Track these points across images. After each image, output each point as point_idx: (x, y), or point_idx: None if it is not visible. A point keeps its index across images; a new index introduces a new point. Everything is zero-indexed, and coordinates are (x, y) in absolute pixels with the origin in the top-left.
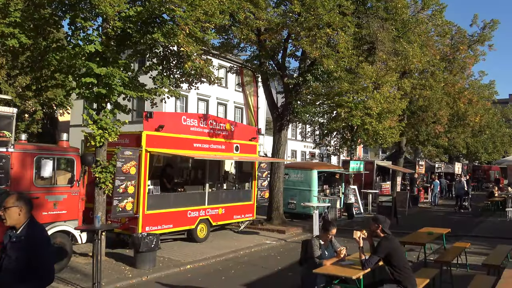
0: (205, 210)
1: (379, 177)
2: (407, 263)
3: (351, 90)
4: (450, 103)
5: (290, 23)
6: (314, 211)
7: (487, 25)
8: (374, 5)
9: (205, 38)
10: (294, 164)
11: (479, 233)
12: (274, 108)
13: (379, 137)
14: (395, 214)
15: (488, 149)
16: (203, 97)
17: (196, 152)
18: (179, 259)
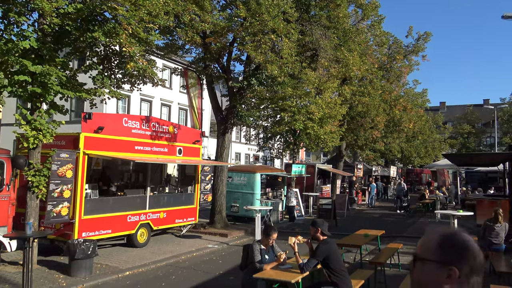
0: (146, 215)
1: (320, 180)
2: (344, 265)
3: (295, 95)
4: (386, 109)
5: (235, 27)
6: (257, 214)
7: (421, 37)
8: (317, 14)
9: (149, 38)
10: (237, 167)
11: (411, 234)
12: (219, 111)
13: (321, 141)
14: (334, 216)
15: (421, 153)
16: (146, 98)
17: (138, 155)
18: (118, 265)
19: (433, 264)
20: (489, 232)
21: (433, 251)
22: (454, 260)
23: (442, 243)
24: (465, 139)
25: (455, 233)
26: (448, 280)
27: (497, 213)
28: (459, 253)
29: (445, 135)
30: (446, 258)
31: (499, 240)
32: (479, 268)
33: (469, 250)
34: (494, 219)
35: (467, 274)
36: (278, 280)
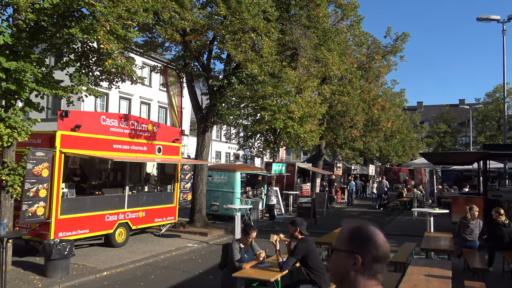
0: (125, 214)
1: (300, 178)
2: (322, 263)
3: (275, 94)
4: (365, 109)
5: (215, 25)
6: (237, 213)
7: (399, 38)
8: (297, 13)
9: (127, 36)
10: (217, 166)
11: (388, 231)
12: (199, 109)
13: (301, 140)
14: (314, 214)
15: (399, 152)
16: (125, 96)
17: (116, 154)
18: (95, 265)
19: (342, 253)
20: (464, 229)
21: (343, 242)
22: (358, 250)
23: (350, 235)
24: (441, 138)
25: (361, 226)
26: (353, 266)
27: (471, 211)
28: (363, 244)
29: (422, 134)
30: (352, 248)
31: (473, 237)
32: (382, 257)
33: (372, 241)
34: (469, 216)
35: (369, 261)
36: (257, 279)
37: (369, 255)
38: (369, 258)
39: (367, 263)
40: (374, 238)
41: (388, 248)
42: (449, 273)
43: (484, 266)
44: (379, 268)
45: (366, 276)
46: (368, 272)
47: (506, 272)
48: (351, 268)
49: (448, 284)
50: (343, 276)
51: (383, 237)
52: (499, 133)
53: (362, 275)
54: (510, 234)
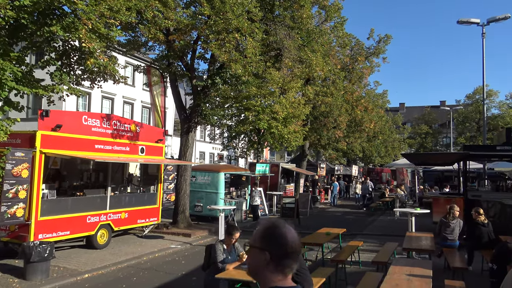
0: (107, 215)
1: (284, 179)
2: (305, 264)
3: (259, 94)
4: (348, 110)
5: (199, 25)
6: (220, 214)
7: (382, 39)
8: (282, 14)
9: (110, 34)
10: (201, 167)
11: (371, 232)
12: (182, 109)
13: (284, 141)
14: (297, 215)
15: (381, 153)
16: (108, 96)
17: (98, 154)
18: (76, 268)
19: (256, 249)
20: (445, 228)
21: (257, 240)
22: (268, 247)
23: (262, 233)
24: (423, 139)
25: (273, 225)
26: (264, 262)
27: (453, 210)
28: (273, 241)
29: (404, 135)
30: (263, 245)
31: (454, 236)
32: (290, 253)
33: (281, 239)
34: (450, 215)
35: (278, 257)
36: (240, 280)
37: (278, 252)
38: (278, 254)
39: (276, 259)
40: (283, 236)
41: (298, 244)
42: (429, 272)
43: (464, 265)
44: (288, 263)
45: (275, 271)
46: (277, 267)
47: (485, 271)
48: (262, 263)
49: (429, 283)
50: (257, 270)
51: (294, 235)
52: (478, 134)
53: (272, 270)
54: (489, 233)
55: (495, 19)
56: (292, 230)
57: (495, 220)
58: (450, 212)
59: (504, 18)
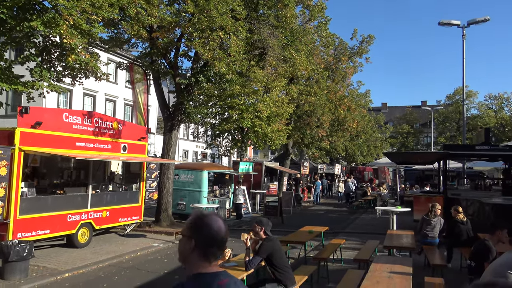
0: (88, 214)
1: (267, 177)
2: (287, 262)
3: (243, 93)
4: (332, 109)
5: (183, 22)
6: None
7: (365, 40)
8: (266, 13)
9: (92, 31)
10: (184, 165)
11: (353, 230)
12: (165, 107)
13: (268, 139)
14: (281, 213)
15: (363, 152)
16: (89, 93)
17: (79, 152)
18: (56, 267)
19: (185, 237)
20: (426, 226)
21: (186, 228)
22: (194, 235)
23: (191, 223)
24: (404, 138)
25: (201, 216)
26: (190, 249)
27: (434, 208)
28: (197, 230)
29: (386, 135)
30: (190, 233)
31: (434, 234)
32: (214, 242)
33: (206, 229)
34: (432, 213)
35: (203, 245)
36: None
37: (203, 240)
38: (203, 242)
39: (201, 246)
40: (209, 226)
41: (222, 235)
42: (410, 269)
43: (443, 263)
44: (213, 251)
45: (200, 258)
46: (202, 254)
47: (464, 268)
48: (189, 250)
49: (409, 280)
50: (184, 257)
51: (220, 225)
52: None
53: (197, 256)
54: (467, 231)
55: (475, 21)
56: (219, 221)
57: (474, 218)
58: (432, 210)
59: (484, 21)
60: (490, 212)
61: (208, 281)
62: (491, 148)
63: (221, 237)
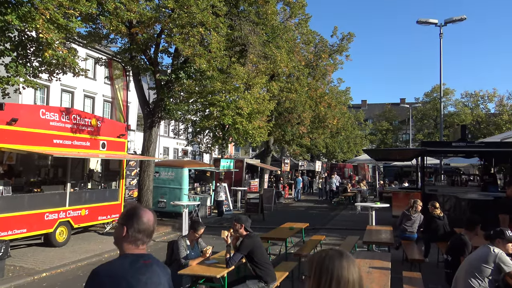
0: (66, 212)
1: (248, 174)
2: (268, 259)
3: (224, 90)
4: (312, 106)
5: (163, 18)
6: (184, 210)
7: (345, 37)
8: (246, 9)
9: (69, 25)
10: (165, 162)
11: (333, 226)
12: (145, 104)
13: (249, 136)
14: (262, 210)
15: (344, 148)
16: (67, 89)
17: (56, 149)
18: (33, 266)
19: (119, 225)
20: (406, 220)
21: (120, 217)
22: (126, 223)
23: (124, 213)
24: (383, 135)
25: (133, 207)
26: (122, 234)
27: (416, 204)
28: (129, 219)
29: (366, 132)
30: (122, 221)
31: (413, 229)
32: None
33: (136, 218)
34: (412, 208)
35: (132, 232)
36: (203, 276)
37: (132, 227)
38: (132, 229)
39: (131, 233)
40: (138, 215)
41: (150, 224)
42: (388, 264)
43: (421, 257)
44: (140, 237)
45: (129, 242)
46: (131, 239)
47: (441, 262)
48: (121, 235)
49: (387, 275)
50: (117, 240)
51: (149, 216)
52: (436, 131)
53: (127, 241)
54: (444, 226)
55: (452, 20)
56: (149, 213)
57: (451, 213)
58: (414, 206)
59: (460, 19)
60: (466, 207)
61: (134, 259)
62: (467, 145)
63: (149, 226)
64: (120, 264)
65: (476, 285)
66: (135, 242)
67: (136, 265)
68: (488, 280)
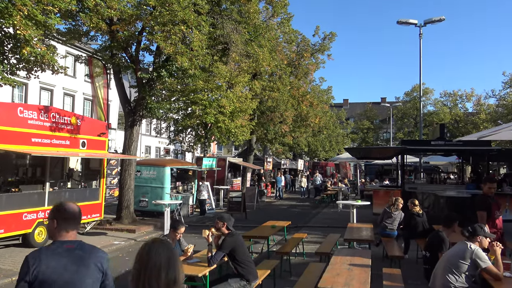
0: (45, 212)
1: (231, 173)
2: (250, 257)
3: (206, 88)
4: (294, 105)
5: (144, 15)
6: (166, 209)
7: (327, 37)
8: (229, 8)
9: (48, 22)
10: (146, 161)
11: (315, 224)
12: (126, 102)
13: (231, 135)
14: (244, 209)
15: (326, 147)
16: (46, 87)
17: (35, 148)
18: (11, 268)
19: (49, 219)
20: (387, 217)
21: (50, 212)
22: (54, 216)
23: (52, 208)
24: (365, 134)
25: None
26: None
27: (397, 202)
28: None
29: (348, 130)
30: (52, 216)
31: (393, 226)
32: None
33: (61, 210)
34: (393, 206)
35: (61, 222)
36: (185, 275)
37: (60, 218)
38: (60, 220)
39: (60, 223)
40: (63, 208)
41: (73, 213)
42: (369, 261)
43: (400, 254)
44: (68, 224)
45: (59, 231)
46: (62, 228)
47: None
48: (53, 228)
49: (368, 272)
50: (50, 234)
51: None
52: (415, 130)
53: (58, 230)
54: (423, 223)
55: (431, 21)
56: (73, 205)
57: (430, 211)
58: (395, 203)
59: (439, 20)
60: (445, 204)
61: (58, 245)
62: (445, 144)
63: (74, 215)
64: (45, 249)
65: (453, 280)
66: (64, 230)
67: (58, 249)
68: (465, 276)
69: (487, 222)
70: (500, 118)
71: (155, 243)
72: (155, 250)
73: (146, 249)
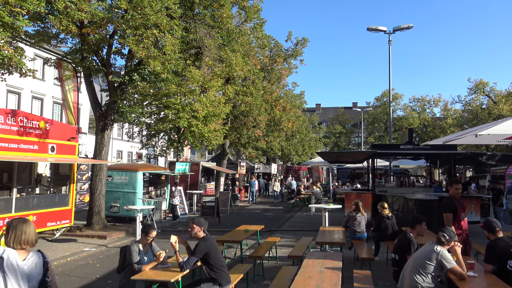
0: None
1: (204, 177)
2: (223, 261)
3: (179, 92)
4: (268, 109)
5: (115, 19)
6: (138, 214)
7: (299, 42)
8: (202, 12)
9: (16, 24)
10: (118, 166)
11: (288, 228)
12: (97, 106)
13: (205, 139)
14: (218, 213)
15: (299, 151)
16: (13, 90)
17: (1, 153)
18: None
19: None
20: (352, 222)
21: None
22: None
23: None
24: (337, 138)
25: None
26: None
27: (357, 205)
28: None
29: (320, 135)
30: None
31: (361, 229)
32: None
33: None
34: (355, 210)
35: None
36: (157, 280)
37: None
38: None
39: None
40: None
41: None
42: (340, 264)
43: (370, 256)
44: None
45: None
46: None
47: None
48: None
49: (339, 274)
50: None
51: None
52: (386, 134)
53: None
54: (393, 225)
55: (400, 28)
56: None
57: (399, 213)
58: (356, 206)
59: (408, 28)
60: (413, 207)
61: None
62: (414, 148)
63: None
64: None
65: (420, 281)
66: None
67: None
68: (431, 276)
69: (453, 224)
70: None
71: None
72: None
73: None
